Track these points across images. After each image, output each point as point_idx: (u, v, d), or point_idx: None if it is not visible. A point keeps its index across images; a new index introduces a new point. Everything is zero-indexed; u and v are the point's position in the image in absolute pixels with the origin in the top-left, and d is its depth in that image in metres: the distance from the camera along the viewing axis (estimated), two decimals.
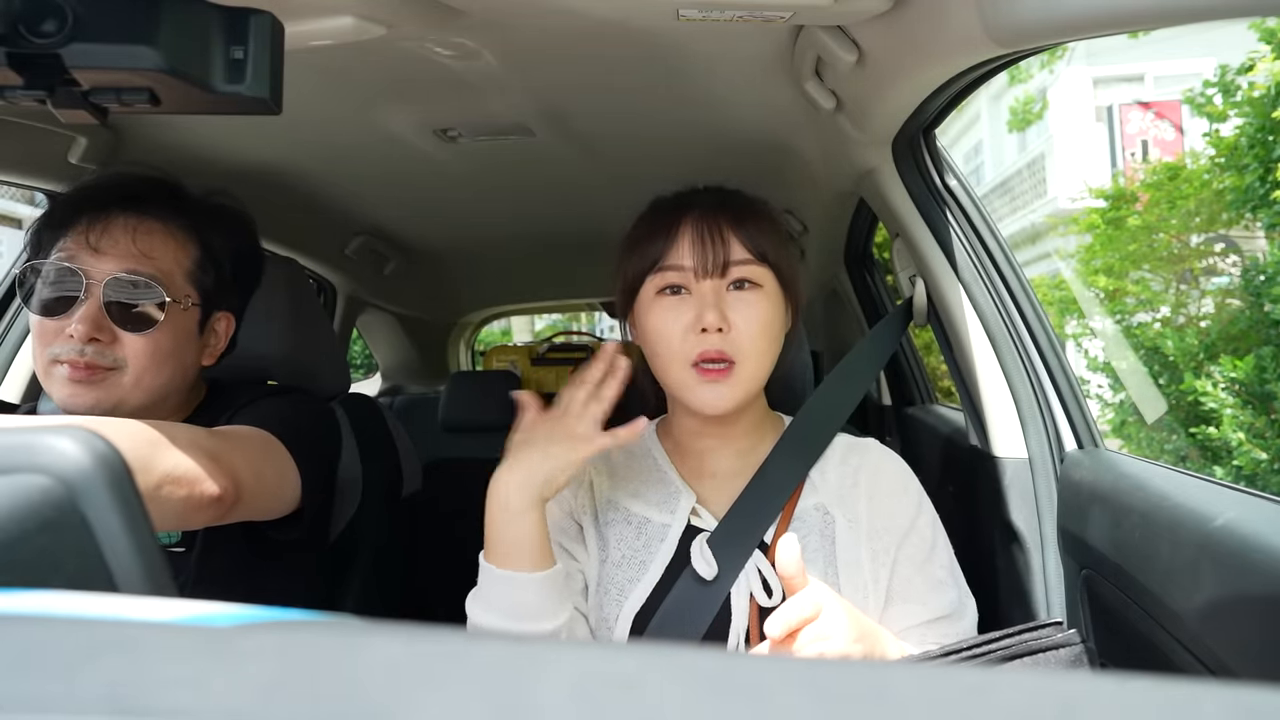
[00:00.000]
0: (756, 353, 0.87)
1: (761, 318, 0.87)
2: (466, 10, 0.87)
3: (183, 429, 0.77)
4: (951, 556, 0.92)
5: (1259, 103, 4.44)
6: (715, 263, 0.86)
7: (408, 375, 2.88)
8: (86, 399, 0.91)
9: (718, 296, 0.87)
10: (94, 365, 0.91)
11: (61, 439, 0.29)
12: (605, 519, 0.94)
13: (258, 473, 0.85)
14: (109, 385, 0.92)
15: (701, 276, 0.87)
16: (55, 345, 0.91)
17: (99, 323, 0.91)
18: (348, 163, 1.53)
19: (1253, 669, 0.65)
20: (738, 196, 0.95)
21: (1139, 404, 5.00)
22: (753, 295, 0.88)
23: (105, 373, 0.92)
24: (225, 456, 0.78)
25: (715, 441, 0.96)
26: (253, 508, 0.85)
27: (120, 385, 0.93)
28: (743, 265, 0.88)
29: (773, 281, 0.90)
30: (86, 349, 0.90)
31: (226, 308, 1.06)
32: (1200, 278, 5.37)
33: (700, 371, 0.86)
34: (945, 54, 0.83)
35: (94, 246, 0.93)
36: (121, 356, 0.93)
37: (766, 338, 0.88)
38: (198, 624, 0.20)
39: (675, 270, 0.88)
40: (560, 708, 0.17)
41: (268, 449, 0.91)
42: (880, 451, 0.98)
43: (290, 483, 0.94)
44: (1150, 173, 5.93)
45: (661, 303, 0.89)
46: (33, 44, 0.53)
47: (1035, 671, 0.19)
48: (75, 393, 0.91)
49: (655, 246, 0.90)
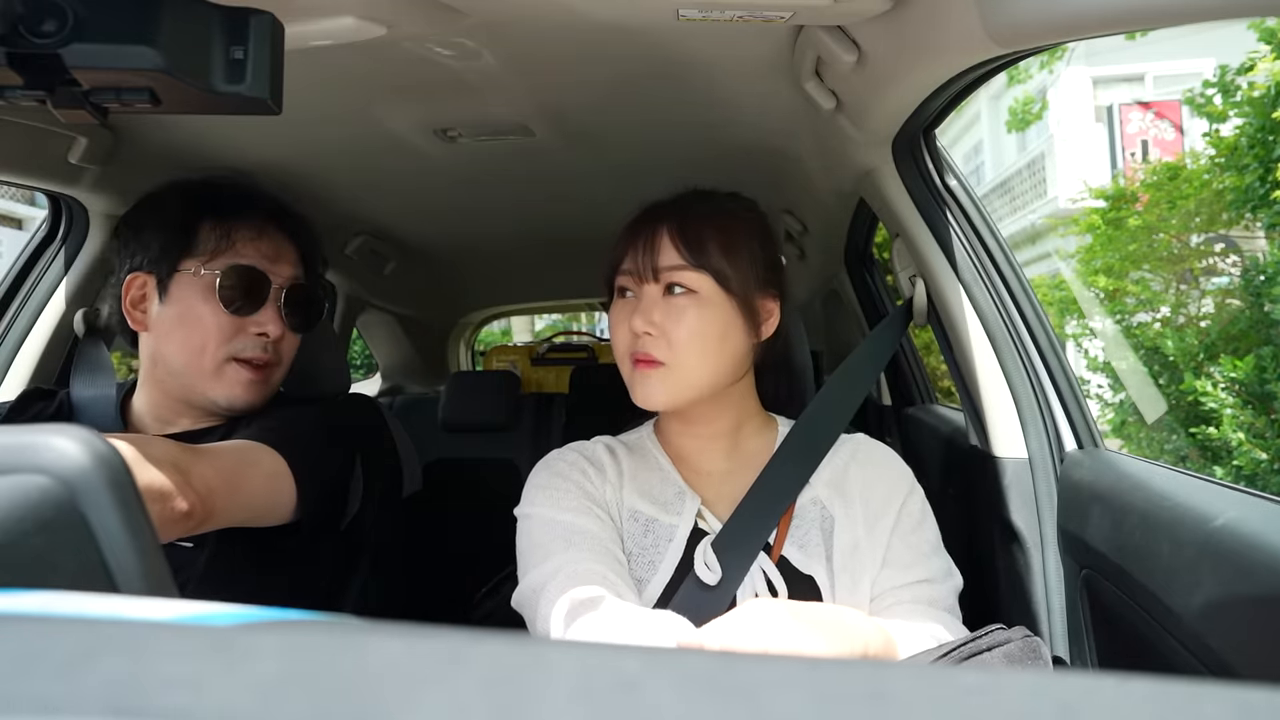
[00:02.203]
0: (689, 356, 0.90)
1: (692, 324, 0.90)
2: (466, 11, 0.87)
3: (157, 443, 0.79)
4: (938, 535, 0.94)
5: (1259, 103, 4.44)
6: (647, 268, 0.91)
7: (408, 375, 2.88)
8: (260, 394, 1.04)
9: (652, 301, 0.91)
10: (269, 362, 1.05)
11: (61, 439, 0.29)
12: (616, 514, 0.94)
13: (233, 486, 0.86)
14: (271, 380, 1.06)
15: (639, 282, 0.92)
16: (236, 341, 1.02)
17: (278, 325, 1.05)
18: (348, 163, 1.53)
19: (1253, 669, 0.65)
20: (701, 202, 0.96)
21: (1139, 404, 5.00)
22: (684, 301, 0.91)
23: (274, 369, 1.06)
24: (197, 470, 0.79)
25: (700, 442, 0.98)
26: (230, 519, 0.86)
27: (275, 379, 1.07)
28: (674, 271, 0.91)
29: (711, 287, 0.91)
30: (267, 346, 1.04)
31: None
32: (1200, 278, 5.36)
33: (635, 366, 0.91)
34: (945, 54, 0.83)
35: (268, 254, 1.06)
36: (283, 352, 1.07)
37: (700, 342, 0.90)
38: (198, 624, 0.20)
39: (624, 274, 0.94)
40: (560, 708, 0.17)
41: (253, 460, 0.91)
42: (869, 441, 1.01)
43: (283, 492, 0.94)
44: (1150, 173, 5.92)
45: (617, 304, 0.96)
46: (33, 44, 0.53)
47: (1035, 671, 0.19)
48: (252, 391, 1.03)
49: (619, 250, 0.96)
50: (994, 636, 0.75)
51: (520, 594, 0.88)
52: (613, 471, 0.96)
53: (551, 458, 0.98)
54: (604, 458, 0.97)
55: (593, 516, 0.90)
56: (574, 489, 0.92)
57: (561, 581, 0.83)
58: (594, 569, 0.84)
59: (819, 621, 0.71)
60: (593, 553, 0.86)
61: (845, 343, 2.24)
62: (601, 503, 0.93)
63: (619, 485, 0.95)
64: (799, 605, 0.74)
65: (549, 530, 0.89)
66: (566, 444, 1.01)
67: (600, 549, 0.87)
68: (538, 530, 0.90)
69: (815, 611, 0.73)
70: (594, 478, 0.95)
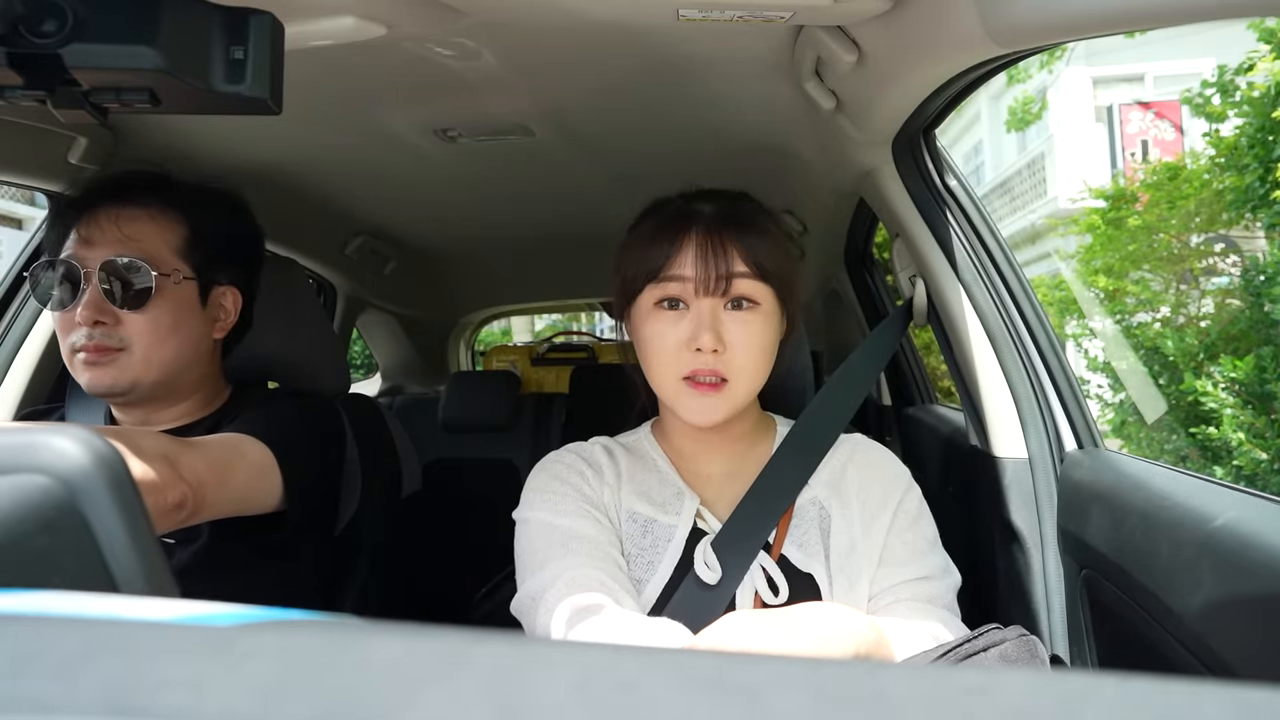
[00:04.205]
0: (750, 371, 0.88)
1: (758, 339, 0.88)
2: (466, 10, 0.87)
3: (148, 436, 0.80)
4: (935, 533, 0.94)
5: (1259, 103, 4.44)
6: (717, 278, 0.86)
7: (408, 375, 2.88)
8: (104, 378, 0.99)
9: (715, 316, 0.87)
10: (103, 347, 0.98)
11: (61, 439, 0.29)
12: (614, 516, 0.94)
13: (222, 477, 0.87)
14: (121, 364, 0.99)
15: (702, 294, 0.87)
16: (71, 335, 0.99)
17: (100, 306, 0.98)
18: (348, 163, 1.53)
19: (1253, 669, 0.65)
20: (742, 206, 0.93)
21: (1139, 404, 5.00)
22: (750, 315, 0.88)
23: (115, 353, 0.99)
24: (187, 462, 0.81)
25: (707, 446, 0.97)
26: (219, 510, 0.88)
27: (131, 363, 1.00)
28: (743, 280, 0.87)
29: (771, 299, 0.90)
30: (94, 333, 0.98)
31: (226, 282, 1.10)
32: (1200, 278, 5.36)
33: (692, 385, 0.87)
34: (945, 54, 0.83)
35: (86, 239, 1.01)
36: (127, 336, 1.00)
37: (761, 357, 0.89)
38: (198, 624, 0.20)
39: (676, 282, 0.87)
40: (560, 708, 0.17)
41: (241, 452, 0.93)
42: (866, 441, 1.00)
43: (270, 483, 0.95)
44: (1150, 173, 5.92)
45: (659, 315, 0.89)
46: (33, 44, 0.53)
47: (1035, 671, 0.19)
48: (94, 375, 0.99)
49: (657, 254, 0.89)
50: (990, 636, 0.74)
51: (519, 601, 0.88)
52: (610, 473, 0.96)
53: (549, 460, 0.98)
54: (601, 459, 0.97)
55: (591, 520, 0.90)
56: (571, 492, 0.92)
57: (559, 589, 0.83)
58: (592, 575, 0.84)
59: (798, 628, 0.70)
60: (591, 558, 0.86)
61: (845, 343, 2.24)
62: (599, 505, 0.93)
63: (617, 487, 0.95)
64: (780, 612, 0.73)
65: (547, 535, 0.88)
66: (565, 445, 1.01)
67: (599, 553, 0.87)
68: (536, 535, 0.89)
69: (797, 617, 0.72)
70: (592, 480, 0.94)
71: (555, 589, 0.83)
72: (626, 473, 0.96)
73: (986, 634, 0.75)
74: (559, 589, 0.83)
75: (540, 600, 0.84)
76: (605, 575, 0.85)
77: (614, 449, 1.00)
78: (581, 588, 0.82)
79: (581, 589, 0.82)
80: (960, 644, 0.75)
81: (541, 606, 0.83)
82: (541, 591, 0.84)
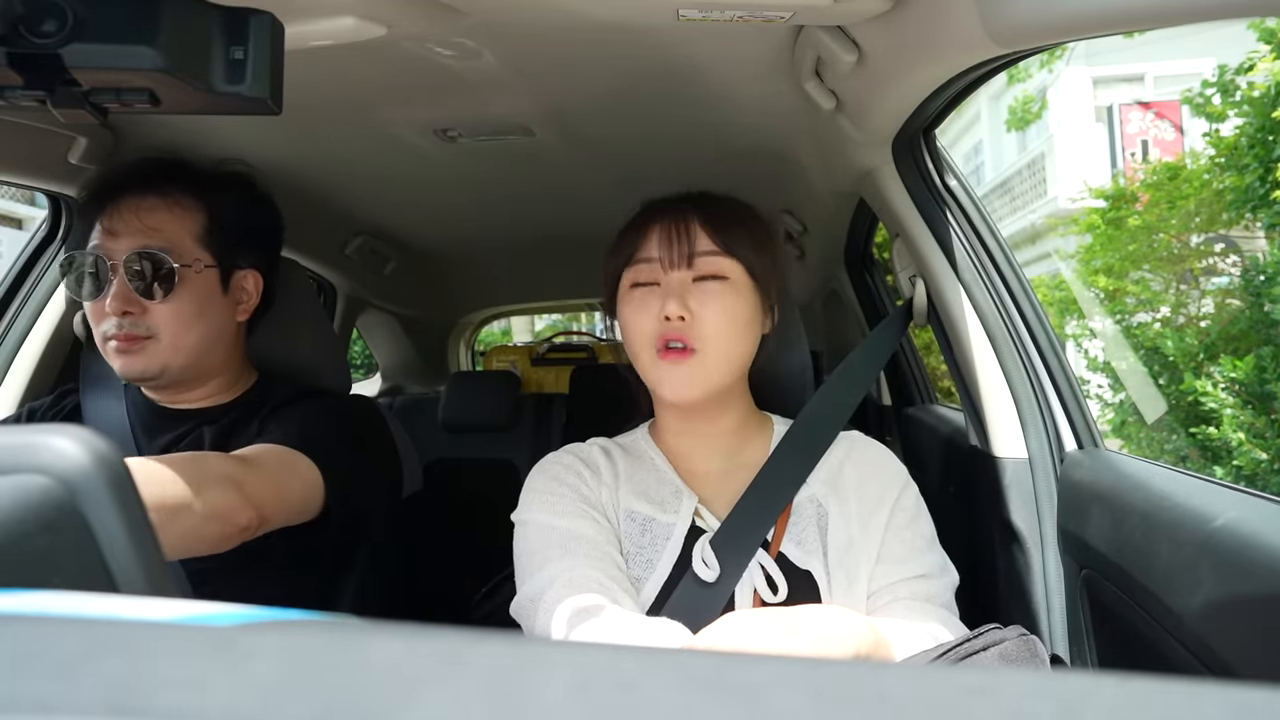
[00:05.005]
0: (719, 341, 0.90)
1: (726, 310, 0.90)
2: (466, 10, 0.87)
3: (215, 461, 0.85)
4: (933, 531, 0.94)
5: (1259, 103, 4.43)
6: (680, 254, 0.91)
7: (408, 375, 2.88)
8: (135, 365, 1.03)
9: (683, 287, 0.91)
10: (132, 336, 1.03)
11: (61, 439, 0.29)
12: (613, 515, 0.94)
13: (282, 496, 0.92)
14: (150, 351, 1.04)
15: (669, 268, 0.91)
16: (103, 324, 1.04)
17: (127, 297, 1.02)
18: (348, 163, 1.53)
19: (1253, 669, 0.65)
20: (716, 197, 0.98)
21: (1139, 404, 5.00)
22: (716, 286, 0.91)
23: (143, 341, 1.03)
24: (252, 484, 0.86)
25: (698, 440, 0.98)
26: (275, 525, 0.92)
27: (160, 350, 1.04)
28: (707, 257, 0.91)
29: (741, 274, 0.92)
30: (123, 322, 1.03)
31: (247, 265, 1.13)
32: (1200, 278, 5.36)
33: (663, 356, 0.89)
34: (945, 54, 0.83)
35: (110, 231, 1.04)
36: (154, 324, 1.04)
37: (731, 328, 0.90)
38: (198, 624, 0.20)
39: (645, 263, 0.93)
40: (560, 708, 0.17)
41: (293, 466, 0.97)
42: (863, 439, 1.01)
43: (316, 492, 0.99)
44: (1150, 173, 5.92)
45: (634, 294, 0.93)
46: (33, 44, 0.53)
47: (1035, 671, 0.19)
48: (125, 362, 1.03)
49: (628, 242, 0.95)
50: (989, 636, 0.74)
51: (518, 603, 0.88)
52: (608, 473, 0.96)
53: (547, 462, 0.98)
54: (599, 459, 0.97)
55: (589, 520, 0.90)
56: (570, 493, 0.92)
57: (559, 590, 0.83)
58: (591, 576, 0.84)
59: (798, 628, 0.70)
60: (589, 559, 0.86)
61: (845, 343, 2.24)
62: (598, 505, 0.93)
63: (615, 486, 0.95)
64: (780, 612, 0.73)
65: (546, 537, 0.89)
66: (565, 445, 1.01)
67: (597, 554, 0.87)
68: (534, 536, 0.90)
69: (796, 617, 0.72)
70: (590, 480, 0.95)
71: (554, 590, 0.83)
72: (624, 472, 0.97)
73: (986, 634, 0.75)
74: (558, 590, 0.83)
75: (540, 601, 0.84)
76: (604, 576, 0.85)
77: (611, 449, 1.00)
78: (581, 588, 0.82)
79: (581, 590, 0.82)
80: (960, 644, 0.75)
81: (541, 608, 0.83)
82: (541, 593, 0.84)
